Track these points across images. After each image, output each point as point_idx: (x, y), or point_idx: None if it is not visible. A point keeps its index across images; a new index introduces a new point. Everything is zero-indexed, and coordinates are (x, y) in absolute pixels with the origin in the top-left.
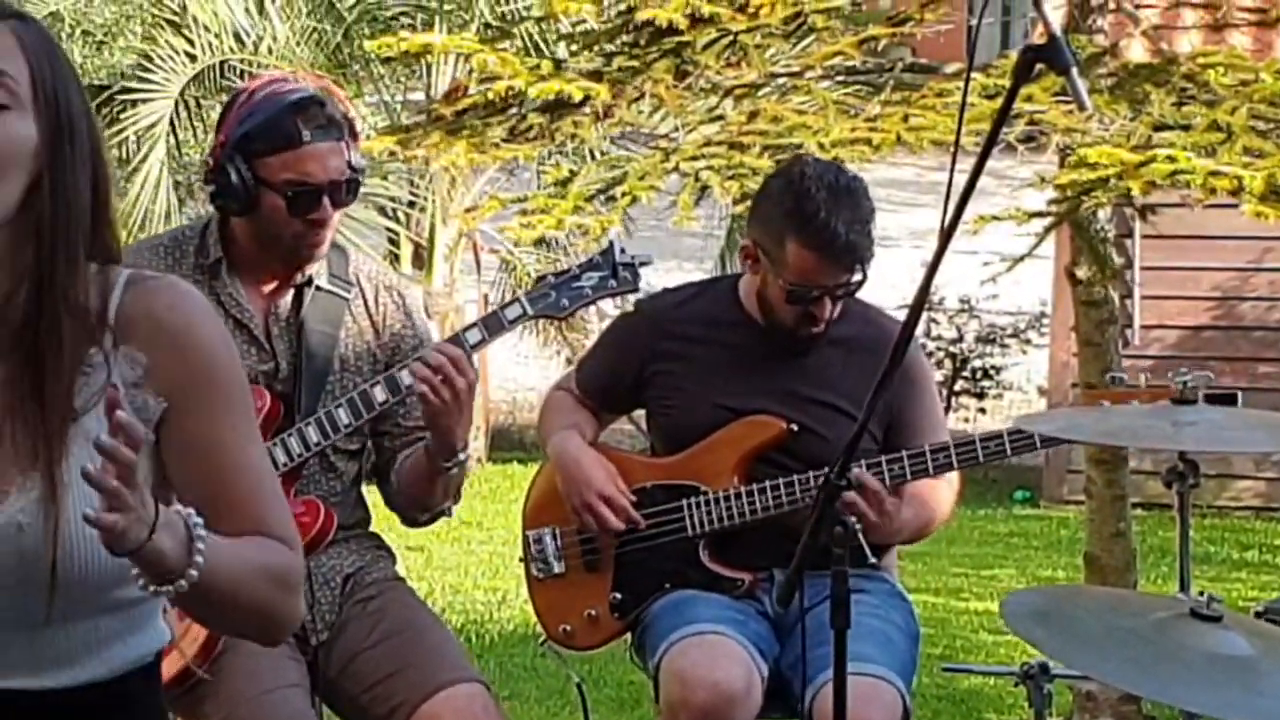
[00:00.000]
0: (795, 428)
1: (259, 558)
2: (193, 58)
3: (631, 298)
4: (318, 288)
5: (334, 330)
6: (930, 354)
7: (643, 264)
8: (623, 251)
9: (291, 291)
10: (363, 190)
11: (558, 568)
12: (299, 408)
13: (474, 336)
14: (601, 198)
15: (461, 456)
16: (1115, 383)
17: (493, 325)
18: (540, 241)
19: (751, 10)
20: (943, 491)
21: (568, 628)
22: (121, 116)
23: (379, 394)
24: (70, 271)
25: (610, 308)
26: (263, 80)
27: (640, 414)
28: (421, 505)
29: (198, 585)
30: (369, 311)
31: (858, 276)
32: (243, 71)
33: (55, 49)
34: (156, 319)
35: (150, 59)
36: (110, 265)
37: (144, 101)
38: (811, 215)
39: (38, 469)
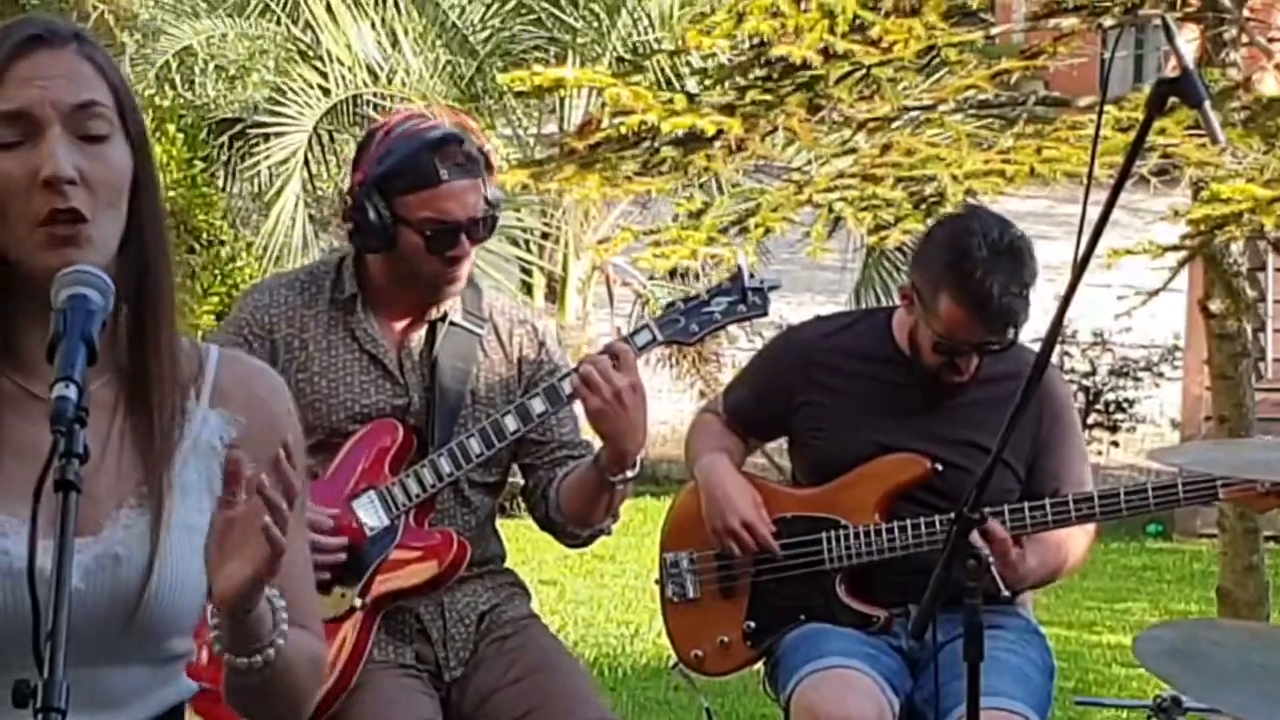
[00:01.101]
0: (940, 466)
1: (308, 648)
2: (326, 91)
3: (760, 324)
4: (451, 323)
5: (467, 365)
6: None
7: (772, 288)
8: (751, 276)
9: (425, 327)
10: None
11: (693, 592)
12: (432, 441)
13: None
14: (734, 229)
15: (630, 473)
16: None
17: None
18: (674, 274)
19: (885, 45)
20: (1077, 538)
21: (699, 653)
22: (255, 150)
23: (510, 423)
24: (166, 282)
25: (744, 339)
26: (400, 117)
27: (771, 445)
28: (583, 521)
29: (270, 663)
30: (502, 346)
31: (1008, 336)
32: (376, 105)
33: (114, 62)
34: (260, 397)
35: (283, 93)
36: (198, 342)
37: (278, 135)
38: (969, 274)
39: (136, 504)
